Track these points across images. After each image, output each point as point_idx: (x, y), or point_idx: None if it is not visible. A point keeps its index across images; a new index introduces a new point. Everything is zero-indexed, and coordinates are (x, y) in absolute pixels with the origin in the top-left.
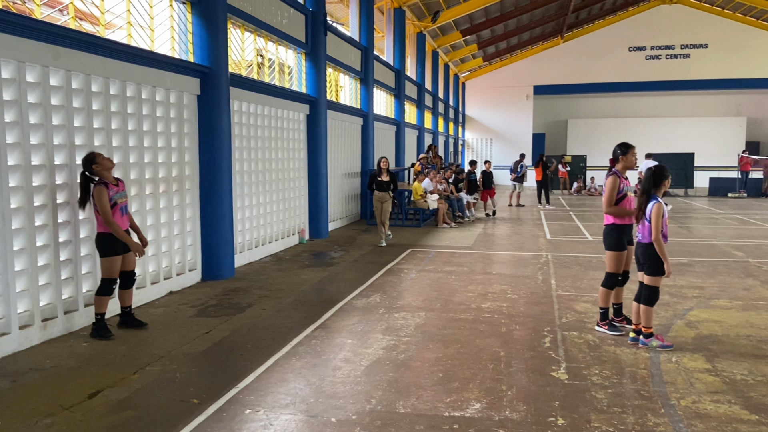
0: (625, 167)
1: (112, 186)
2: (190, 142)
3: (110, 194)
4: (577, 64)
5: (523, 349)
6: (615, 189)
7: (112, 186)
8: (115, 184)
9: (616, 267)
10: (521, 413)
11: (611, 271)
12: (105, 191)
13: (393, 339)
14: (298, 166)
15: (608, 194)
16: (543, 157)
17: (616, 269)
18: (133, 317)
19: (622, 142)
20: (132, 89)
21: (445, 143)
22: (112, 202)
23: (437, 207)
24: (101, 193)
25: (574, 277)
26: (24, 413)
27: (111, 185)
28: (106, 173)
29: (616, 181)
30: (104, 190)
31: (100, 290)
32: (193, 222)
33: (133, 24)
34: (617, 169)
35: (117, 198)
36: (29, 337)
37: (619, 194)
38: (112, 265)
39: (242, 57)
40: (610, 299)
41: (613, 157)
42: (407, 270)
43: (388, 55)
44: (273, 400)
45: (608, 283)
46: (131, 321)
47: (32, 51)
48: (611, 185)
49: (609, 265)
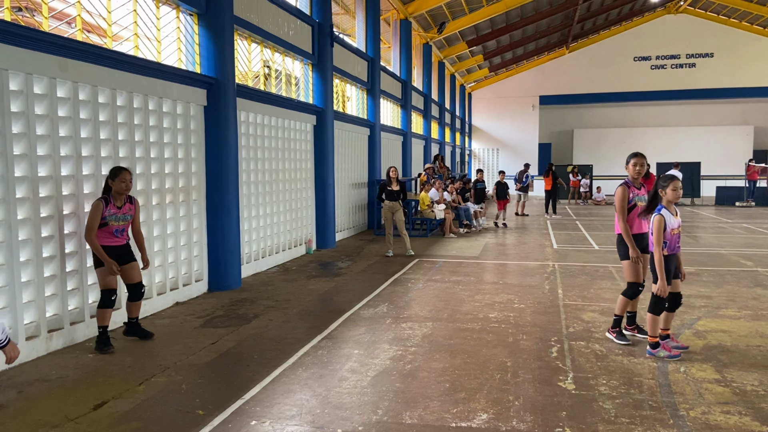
0: (631, 176)
1: (112, 206)
2: (197, 152)
3: (104, 213)
4: (583, 74)
5: (530, 359)
6: (624, 199)
7: (112, 206)
8: (118, 206)
9: (634, 276)
10: (528, 424)
11: (630, 280)
12: (100, 208)
13: (400, 349)
14: (305, 176)
15: (618, 205)
16: (552, 167)
17: (635, 278)
18: (139, 327)
19: (632, 152)
20: (139, 100)
21: (452, 153)
22: (103, 221)
23: (444, 217)
24: (95, 207)
25: (581, 286)
26: (30, 424)
27: (112, 205)
28: (115, 194)
29: (624, 191)
30: (100, 206)
31: (100, 303)
32: (200, 232)
33: (140, 35)
34: (628, 179)
35: (111, 219)
36: (35, 347)
37: (629, 204)
38: (103, 275)
39: (249, 68)
40: (626, 308)
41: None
42: (414, 280)
43: (394, 65)
44: (279, 412)
45: (628, 293)
46: (138, 331)
47: (40, 63)
48: (619, 196)
49: (626, 275)
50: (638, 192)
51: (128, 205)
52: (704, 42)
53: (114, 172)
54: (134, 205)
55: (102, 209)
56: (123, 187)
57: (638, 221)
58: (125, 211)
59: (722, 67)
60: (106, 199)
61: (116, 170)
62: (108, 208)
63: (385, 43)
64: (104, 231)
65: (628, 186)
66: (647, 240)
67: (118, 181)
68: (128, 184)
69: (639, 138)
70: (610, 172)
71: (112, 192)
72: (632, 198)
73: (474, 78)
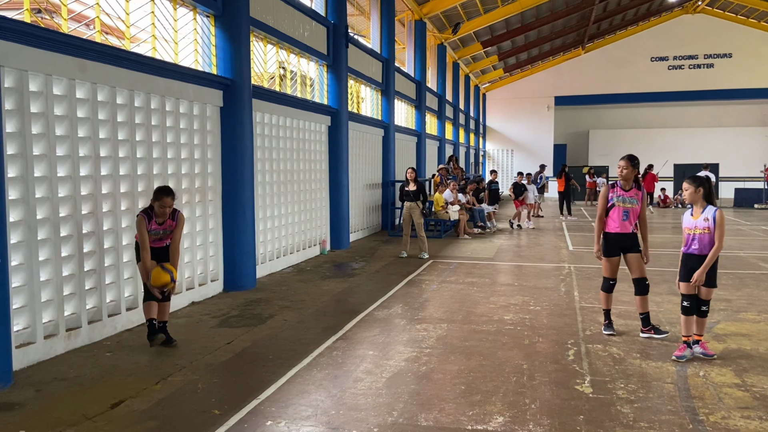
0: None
1: (154, 223)
2: (213, 153)
3: (148, 227)
4: (599, 74)
5: (547, 362)
6: (604, 198)
7: (154, 223)
8: (159, 223)
9: (605, 270)
10: (545, 427)
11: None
12: (143, 223)
13: (415, 351)
14: (320, 177)
15: (598, 203)
16: (566, 168)
17: (605, 273)
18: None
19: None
20: (156, 101)
21: (466, 154)
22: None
23: (458, 218)
24: (140, 223)
25: (597, 289)
26: (48, 422)
27: (154, 222)
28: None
29: (605, 191)
30: (143, 221)
31: (144, 296)
32: (216, 233)
33: (158, 37)
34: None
35: (151, 234)
36: (54, 346)
37: (608, 203)
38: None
39: (264, 69)
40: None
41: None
42: (429, 281)
43: (409, 66)
44: (294, 412)
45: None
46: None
47: (59, 64)
48: (601, 194)
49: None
50: (623, 193)
51: (169, 222)
52: (722, 42)
53: (157, 195)
54: (176, 221)
55: (145, 223)
56: (162, 212)
57: (618, 221)
58: (166, 227)
59: (741, 68)
60: (149, 214)
61: (159, 194)
62: (150, 224)
63: (399, 44)
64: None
65: (613, 186)
66: (630, 240)
67: (158, 205)
68: (166, 210)
69: (655, 139)
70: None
71: (155, 209)
72: (611, 198)
73: (488, 79)
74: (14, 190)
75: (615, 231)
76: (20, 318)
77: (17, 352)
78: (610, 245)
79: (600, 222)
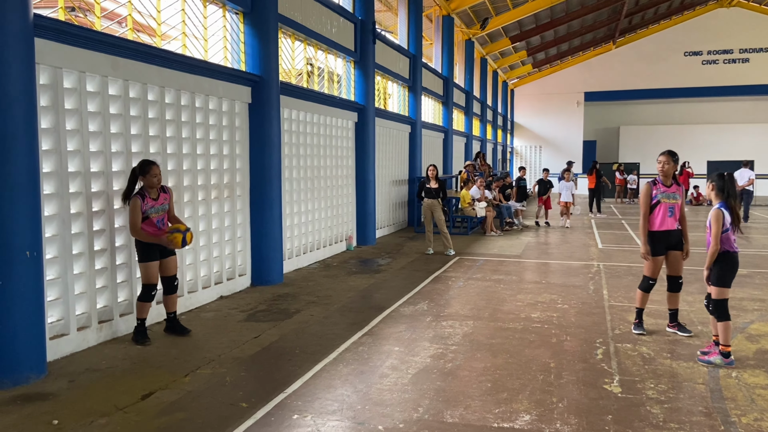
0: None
1: (148, 200)
2: (241, 149)
3: (144, 207)
4: (630, 69)
5: (574, 361)
6: (647, 196)
7: (148, 200)
8: (154, 198)
9: (647, 270)
10: (573, 426)
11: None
12: (138, 204)
13: (440, 347)
14: (346, 173)
15: (641, 201)
16: (597, 165)
17: (647, 272)
18: (177, 323)
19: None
20: (186, 98)
21: (494, 151)
22: (144, 215)
23: (485, 215)
24: (134, 205)
25: (627, 287)
26: (80, 412)
27: (148, 199)
28: (148, 188)
29: (648, 188)
30: (137, 202)
31: (140, 296)
32: (244, 228)
33: (188, 34)
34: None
35: (151, 212)
36: (86, 338)
37: (652, 201)
38: (147, 270)
39: (292, 65)
40: (645, 302)
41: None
42: (455, 278)
43: (436, 62)
44: (320, 406)
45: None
46: (176, 327)
47: (93, 61)
48: (643, 193)
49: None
50: (666, 189)
51: (163, 195)
52: (758, 36)
53: (143, 168)
54: (168, 194)
55: (140, 205)
56: (155, 181)
57: (664, 218)
58: (161, 201)
59: None
60: (142, 194)
61: (145, 166)
62: (145, 203)
63: (427, 40)
64: (148, 224)
65: (654, 183)
66: (676, 237)
67: (149, 176)
68: (159, 177)
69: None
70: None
71: (144, 187)
72: (655, 195)
73: (517, 74)
74: (49, 184)
75: (662, 229)
76: (54, 310)
77: (51, 344)
78: (656, 244)
79: (645, 221)
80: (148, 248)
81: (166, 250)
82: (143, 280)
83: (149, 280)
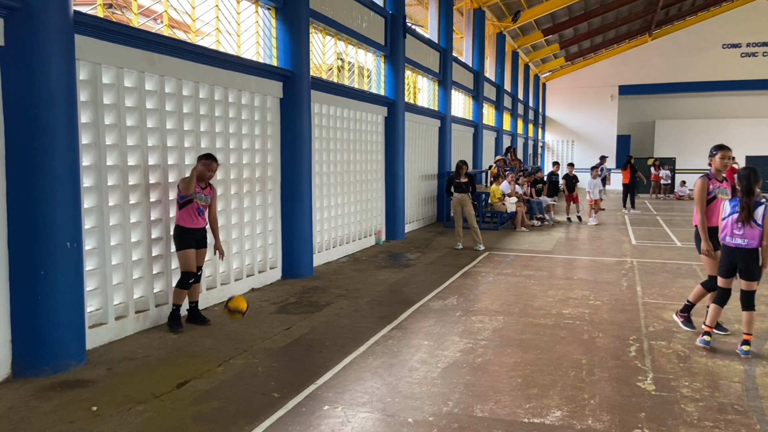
0: (716, 169)
1: (197, 186)
2: (273, 144)
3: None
4: (667, 62)
5: (607, 358)
6: (704, 191)
7: (197, 186)
8: (202, 187)
9: (711, 268)
10: (605, 423)
11: (709, 273)
12: (194, 176)
13: (470, 342)
14: (376, 167)
15: (697, 197)
16: (631, 160)
17: (712, 271)
18: (198, 313)
19: (716, 144)
20: (220, 93)
21: (524, 145)
22: (190, 198)
23: (515, 210)
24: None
25: (661, 284)
26: (118, 399)
27: (197, 185)
28: (198, 178)
29: (704, 183)
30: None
31: (178, 283)
32: (275, 221)
33: (221, 30)
34: (711, 171)
35: (196, 197)
36: (124, 327)
37: (709, 196)
38: (186, 258)
39: (323, 60)
40: (700, 298)
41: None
42: (484, 273)
43: (466, 56)
44: (350, 398)
45: (707, 285)
46: (196, 317)
47: (130, 57)
48: (699, 187)
49: (705, 267)
50: (720, 185)
51: (209, 189)
52: None
53: (205, 157)
54: (213, 191)
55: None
56: (204, 175)
57: (716, 214)
58: (207, 192)
59: None
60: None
61: (207, 157)
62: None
63: (457, 34)
64: (189, 209)
65: (709, 178)
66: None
67: (205, 166)
68: (212, 173)
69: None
70: (694, 166)
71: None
72: (712, 190)
73: (549, 68)
74: (88, 178)
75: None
76: (93, 300)
77: (90, 332)
78: (715, 240)
79: (703, 216)
80: (186, 237)
81: (202, 240)
82: (181, 267)
83: (187, 267)
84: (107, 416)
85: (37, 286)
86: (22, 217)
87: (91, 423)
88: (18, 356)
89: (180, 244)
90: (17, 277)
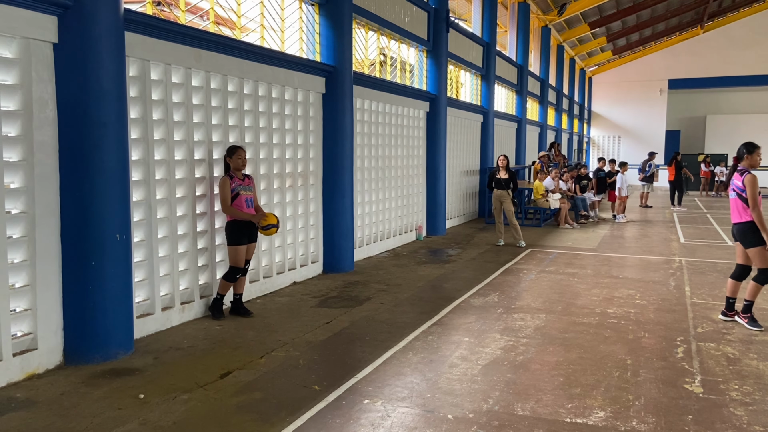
0: (751, 165)
1: (236, 179)
2: (315, 139)
3: (232, 185)
4: (719, 55)
5: (653, 358)
6: (757, 187)
7: (236, 179)
8: (241, 179)
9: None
10: (650, 425)
11: (763, 267)
12: (227, 182)
13: (511, 339)
14: (417, 163)
15: (754, 192)
16: (678, 156)
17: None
18: (241, 305)
19: (748, 141)
20: (263, 88)
21: (569, 141)
22: (234, 193)
23: (559, 206)
24: (223, 182)
25: (711, 284)
26: (164, 388)
27: (236, 179)
28: (234, 170)
29: (756, 179)
30: (227, 180)
31: (225, 275)
32: (317, 216)
33: (266, 26)
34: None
35: (240, 190)
36: (170, 318)
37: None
38: (236, 254)
39: (365, 55)
40: (757, 294)
41: (737, 155)
42: (526, 270)
43: (510, 50)
44: (390, 393)
45: (759, 278)
46: (239, 309)
47: (177, 54)
48: (755, 183)
49: (758, 262)
50: None
51: (248, 180)
52: None
53: (231, 150)
54: (251, 180)
55: (229, 183)
56: (240, 163)
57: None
58: (247, 183)
59: None
60: (230, 175)
61: (233, 148)
62: (234, 181)
63: (501, 27)
64: (237, 203)
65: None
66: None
67: (235, 158)
68: (244, 160)
69: None
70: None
71: (231, 169)
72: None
73: (595, 62)
74: (137, 171)
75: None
76: (140, 291)
77: (138, 322)
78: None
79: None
80: (238, 233)
81: (252, 236)
82: (231, 262)
83: (237, 263)
84: (153, 404)
85: (88, 276)
86: (74, 209)
87: (138, 410)
88: (69, 344)
89: (232, 239)
90: (69, 267)
